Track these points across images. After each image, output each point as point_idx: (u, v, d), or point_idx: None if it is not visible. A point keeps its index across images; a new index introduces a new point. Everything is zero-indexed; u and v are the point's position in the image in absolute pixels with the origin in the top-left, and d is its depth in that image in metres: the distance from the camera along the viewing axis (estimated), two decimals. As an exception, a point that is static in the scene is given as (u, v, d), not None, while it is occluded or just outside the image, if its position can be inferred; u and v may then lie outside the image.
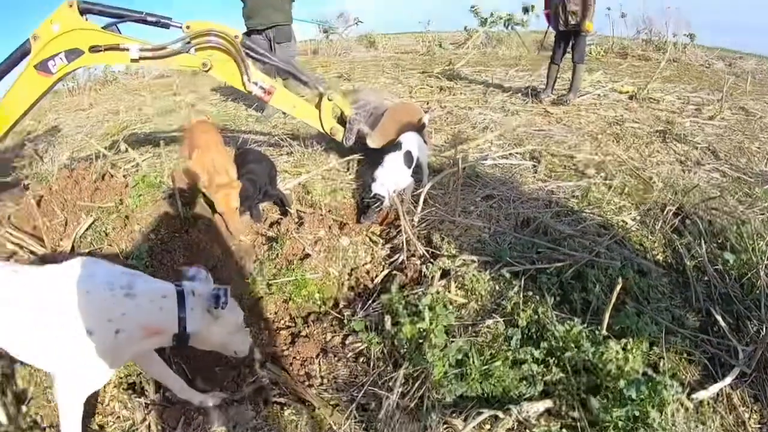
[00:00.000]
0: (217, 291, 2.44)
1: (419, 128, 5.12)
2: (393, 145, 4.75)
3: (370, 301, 3.42)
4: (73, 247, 4.51)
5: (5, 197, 5.54)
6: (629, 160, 5.45)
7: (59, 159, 7.51)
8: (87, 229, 4.70)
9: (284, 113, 7.88)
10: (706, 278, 3.41)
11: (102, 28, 4.34)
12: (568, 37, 7.98)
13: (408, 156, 4.57)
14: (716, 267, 3.42)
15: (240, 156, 4.97)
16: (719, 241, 3.82)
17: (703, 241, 3.54)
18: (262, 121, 8.37)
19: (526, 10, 17.51)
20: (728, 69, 13.32)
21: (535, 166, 5.27)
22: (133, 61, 4.40)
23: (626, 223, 4.09)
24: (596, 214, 4.20)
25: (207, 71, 4.47)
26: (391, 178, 4.36)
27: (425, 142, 5.13)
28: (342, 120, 5.12)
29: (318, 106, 4.91)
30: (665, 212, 4.16)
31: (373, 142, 5.08)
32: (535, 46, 16.79)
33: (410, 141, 4.73)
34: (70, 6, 4.17)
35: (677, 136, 6.37)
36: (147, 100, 12.65)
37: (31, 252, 4.50)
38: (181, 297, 2.42)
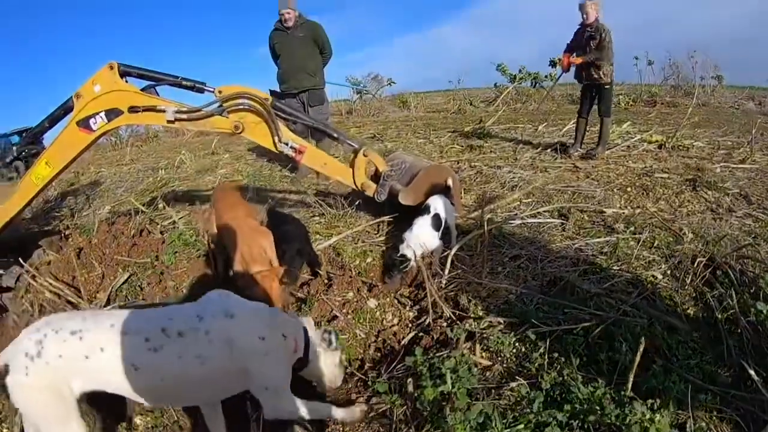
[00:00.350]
0: (329, 333, 3.03)
1: (446, 191, 5.14)
2: (422, 209, 4.78)
3: (395, 363, 3.44)
4: (108, 300, 4.64)
5: (45, 245, 5.68)
6: (659, 213, 5.41)
7: (100, 212, 7.73)
8: (123, 283, 4.86)
9: (317, 174, 8.07)
10: (738, 331, 3.31)
11: (141, 90, 4.53)
12: (592, 90, 8.06)
13: (436, 219, 4.61)
14: (749, 319, 3.31)
15: (273, 217, 5.10)
16: (752, 291, 3.70)
17: (734, 292, 3.49)
18: (295, 181, 8.51)
19: (553, 63, 17.65)
20: (758, 108, 13.24)
21: (563, 223, 5.26)
22: (169, 122, 4.56)
23: (656, 278, 4.05)
24: (625, 270, 4.16)
25: (239, 133, 4.58)
26: (419, 241, 4.39)
27: (453, 204, 5.13)
28: (375, 177, 5.17)
29: (352, 163, 4.96)
30: (696, 264, 4.08)
31: (405, 199, 5.11)
32: (564, 100, 16.88)
33: (438, 204, 4.76)
34: (111, 68, 4.38)
35: (708, 183, 6.30)
36: (186, 158, 12.89)
37: (68, 302, 4.62)
38: (304, 330, 2.98)
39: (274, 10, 8.15)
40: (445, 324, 3.69)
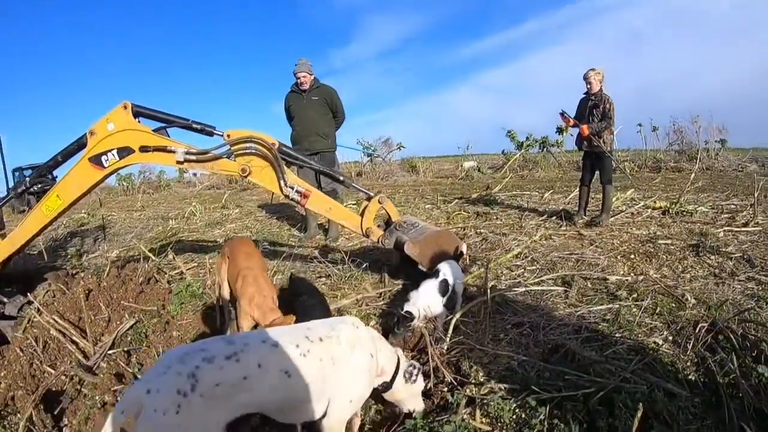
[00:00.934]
0: (412, 368, 3.32)
1: (457, 257, 5.19)
2: (432, 272, 4.81)
3: (396, 426, 3.45)
4: (113, 343, 4.68)
5: (52, 279, 5.75)
6: (662, 279, 5.44)
7: (108, 255, 7.81)
8: (128, 329, 4.91)
9: (325, 236, 8.16)
10: (740, 395, 3.32)
11: (153, 130, 4.70)
12: (592, 158, 8.21)
13: (444, 285, 4.63)
14: (750, 382, 3.35)
15: (293, 284, 5.20)
16: (754, 354, 3.74)
17: (736, 356, 3.53)
18: (303, 241, 8.65)
19: (560, 131, 17.90)
20: (761, 170, 13.32)
21: (566, 291, 5.30)
22: (179, 163, 4.68)
23: (657, 344, 4.06)
24: (627, 337, 4.18)
25: (246, 177, 4.72)
26: (424, 302, 4.43)
27: (463, 271, 5.21)
28: (383, 227, 5.27)
29: (364, 209, 5.05)
30: (697, 329, 4.11)
31: (411, 250, 5.13)
32: (571, 166, 17.06)
33: (447, 270, 4.78)
34: (125, 108, 4.58)
35: (711, 248, 6.37)
36: (196, 210, 13.03)
37: (72, 341, 4.67)
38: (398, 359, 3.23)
39: (288, 70, 8.42)
40: (446, 389, 3.71)
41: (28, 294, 5.51)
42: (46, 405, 3.91)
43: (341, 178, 5.45)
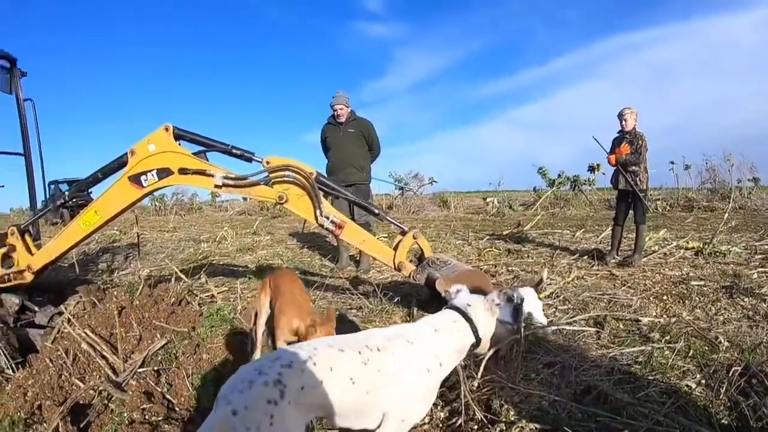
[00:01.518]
0: (492, 295, 3.30)
1: (536, 285, 5.45)
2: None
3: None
4: (143, 362, 4.69)
5: (83, 292, 5.79)
6: (695, 321, 5.39)
7: (140, 273, 7.90)
8: (159, 349, 4.92)
9: (357, 267, 8.21)
10: (773, 440, 3.29)
11: (192, 153, 4.79)
12: (627, 197, 8.19)
13: (515, 311, 4.70)
14: (783, 427, 3.30)
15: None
16: (787, 398, 3.68)
17: (769, 401, 3.51)
18: (335, 272, 8.66)
19: (591, 169, 17.86)
20: (795, 209, 13.19)
21: (598, 332, 5.27)
22: (216, 187, 4.75)
23: (690, 388, 4.02)
24: (659, 379, 4.13)
25: (282, 204, 4.77)
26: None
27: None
28: (416, 262, 5.28)
29: (397, 243, 5.06)
30: (731, 373, 4.06)
31: (442, 286, 4.98)
32: (602, 205, 16.97)
33: (523, 296, 4.90)
34: (167, 130, 4.69)
35: (744, 290, 6.31)
36: (228, 235, 13.12)
37: (103, 356, 4.68)
38: (464, 314, 3.14)
39: (323, 102, 8.61)
40: (476, 427, 3.68)
41: (61, 305, 5.60)
42: (72, 417, 3.94)
43: (376, 210, 5.49)
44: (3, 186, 6.72)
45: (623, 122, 8.14)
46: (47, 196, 5.88)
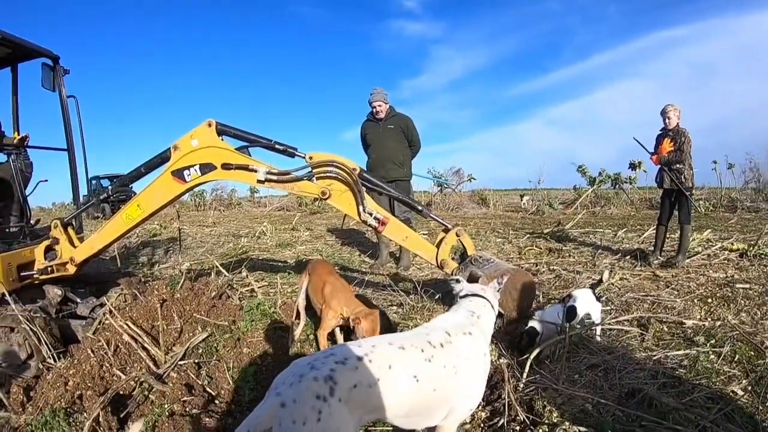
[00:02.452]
0: (494, 283, 3.48)
1: (594, 285, 5.45)
2: (566, 296, 5.16)
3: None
4: (184, 354, 4.74)
5: (124, 284, 5.92)
6: (740, 325, 5.30)
7: (180, 267, 8.00)
8: (200, 341, 4.96)
9: (397, 264, 8.21)
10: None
11: (235, 149, 4.82)
12: (672, 195, 8.08)
13: (571, 311, 4.91)
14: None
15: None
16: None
17: (817, 410, 3.44)
18: (375, 268, 8.70)
19: (633, 167, 17.60)
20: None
21: (642, 333, 5.22)
22: (259, 182, 4.78)
23: (736, 394, 3.96)
24: (704, 384, 4.07)
25: (325, 199, 4.78)
26: (549, 319, 4.83)
27: (598, 299, 5.30)
28: (459, 260, 5.23)
29: (440, 240, 5.04)
30: (778, 380, 4.00)
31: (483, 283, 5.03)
32: (643, 204, 16.72)
33: (580, 296, 5.06)
34: (210, 125, 4.74)
35: (791, 293, 6.13)
36: (267, 230, 13.19)
37: (144, 348, 4.73)
38: (482, 297, 3.25)
39: (361, 100, 8.62)
40: (518, 428, 3.65)
41: (102, 297, 5.74)
42: (113, 407, 3.99)
43: (420, 207, 5.45)
44: (47, 180, 6.90)
45: (666, 119, 8.05)
46: (89, 191, 5.99)
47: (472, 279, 4.94)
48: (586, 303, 4.93)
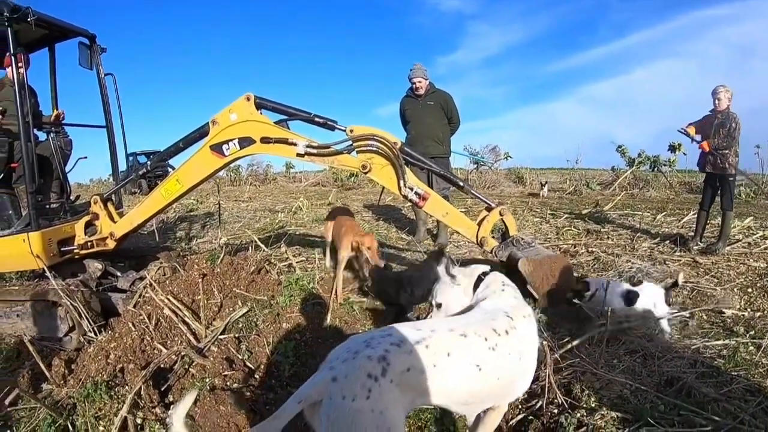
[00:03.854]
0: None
1: (668, 287, 5.36)
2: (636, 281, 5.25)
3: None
4: (225, 329, 4.84)
5: (164, 258, 6.07)
6: (781, 318, 5.28)
7: (217, 241, 8.15)
8: (240, 316, 5.05)
9: (434, 241, 8.25)
10: None
11: (274, 122, 4.85)
12: (715, 181, 7.98)
13: (631, 295, 5.08)
14: None
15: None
16: None
17: None
18: (412, 245, 8.77)
19: (672, 148, 17.34)
20: None
21: (683, 321, 5.22)
22: (299, 156, 4.77)
23: (776, 388, 3.98)
24: (743, 376, 4.07)
25: (366, 173, 4.76)
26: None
27: (669, 304, 5.25)
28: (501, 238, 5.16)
29: (483, 218, 4.96)
30: (818, 375, 3.97)
31: (524, 266, 4.84)
32: (682, 188, 16.50)
33: (649, 290, 5.13)
34: (248, 99, 4.74)
35: (834, 286, 6.05)
36: (303, 205, 13.29)
37: (184, 322, 4.85)
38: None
39: (397, 76, 8.61)
40: (556, 411, 3.68)
41: (142, 271, 5.89)
42: (154, 381, 4.08)
43: (461, 183, 5.38)
44: (86, 157, 7.07)
45: (716, 101, 7.90)
46: (128, 168, 6.12)
47: (512, 260, 4.96)
48: (651, 300, 4.94)
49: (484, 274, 3.24)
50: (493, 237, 5.02)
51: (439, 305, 3.33)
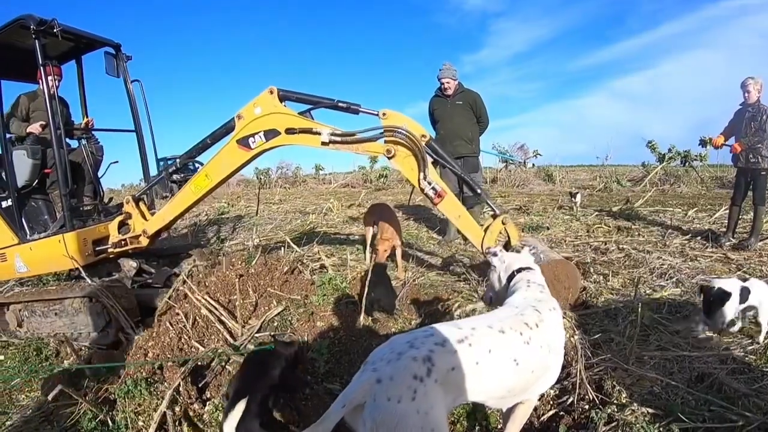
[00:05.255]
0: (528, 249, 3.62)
1: None
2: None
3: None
4: (260, 327, 4.95)
5: (196, 255, 6.36)
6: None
7: (249, 243, 8.29)
8: (276, 315, 5.15)
9: (465, 241, 8.29)
10: None
11: (298, 113, 4.95)
12: (747, 175, 7.91)
13: (744, 293, 4.71)
14: None
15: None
16: None
17: None
18: (442, 244, 8.86)
19: (703, 143, 17.15)
20: None
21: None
22: (323, 144, 4.84)
23: (808, 384, 3.96)
24: (775, 372, 4.06)
25: (390, 158, 4.83)
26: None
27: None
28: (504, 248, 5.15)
29: (487, 226, 4.98)
30: None
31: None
32: (714, 183, 16.31)
33: (758, 288, 4.81)
34: (271, 93, 4.87)
35: None
36: (333, 206, 13.37)
37: (221, 321, 4.96)
38: (532, 270, 3.29)
39: (425, 76, 8.68)
40: (587, 406, 3.70)
41: (176, 268, 6.14)
42: (192, 377, 4.20)
43: (478, 189, 5.38)
44: (117, 162, 7.36)
45: (746, 93, 7.79)
46: (158, 172, 6.33)
47: None
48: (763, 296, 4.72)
49: (519, 270, 3.27)
50: (499, 243, 5.01)
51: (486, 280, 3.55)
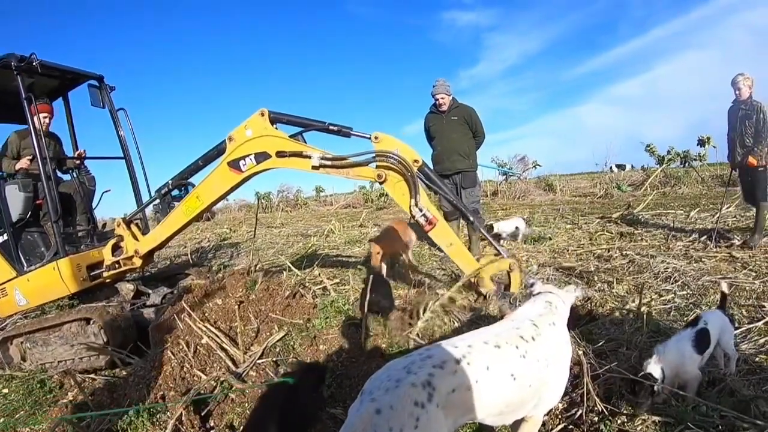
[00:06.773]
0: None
1: (721, 301, 4.38)
2: (691, 320, 4.14)
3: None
4: (262, 353, 4.88)
5: (194, 274, 6.40)
6: (822, 312, 5.15)
7: (253, 267, 8.26)
8: (278, 341, 5.10)
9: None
10: None
11: (289, 136, 4.90)
12: (747, 174, 7.87)
13: (702, 336, 3.84)
14: None
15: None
16: None
17: None
18: (445, 261, 8.70)
19: (701, 143, 17.13)
20: None
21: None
22: (314, 168, 4.77)
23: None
24: (786, 373, 3.97)
25: (381, 183, 4.74)
26: (673, 360, 3.73)
27: (731, 321, 4.20)
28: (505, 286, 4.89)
29: (490, 259, 4.83)
30: None
31: None
32: (715, 182, 16.26)
33: (710, 318, 3.97)
34: (263, 115, 4.83)
35: None
36: (335, 228, 13.34)
37: (222, 348, 4.90)
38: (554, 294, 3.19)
39: (420, 93, 8.69)
40: (596, 419, 3.63)
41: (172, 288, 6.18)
42: (194, 406, 4.13)
43: (471, 219, 5.31)
44: (110, 190, 7.38)
45: (737, 91, 7.79)
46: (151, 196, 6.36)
47: (502, 312, 4.81)
48: (720, 327, 3.95)
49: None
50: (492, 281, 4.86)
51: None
